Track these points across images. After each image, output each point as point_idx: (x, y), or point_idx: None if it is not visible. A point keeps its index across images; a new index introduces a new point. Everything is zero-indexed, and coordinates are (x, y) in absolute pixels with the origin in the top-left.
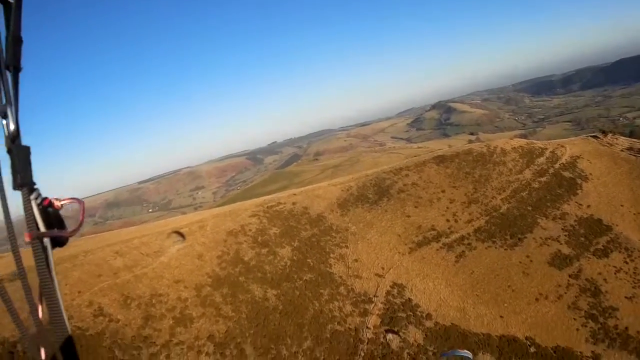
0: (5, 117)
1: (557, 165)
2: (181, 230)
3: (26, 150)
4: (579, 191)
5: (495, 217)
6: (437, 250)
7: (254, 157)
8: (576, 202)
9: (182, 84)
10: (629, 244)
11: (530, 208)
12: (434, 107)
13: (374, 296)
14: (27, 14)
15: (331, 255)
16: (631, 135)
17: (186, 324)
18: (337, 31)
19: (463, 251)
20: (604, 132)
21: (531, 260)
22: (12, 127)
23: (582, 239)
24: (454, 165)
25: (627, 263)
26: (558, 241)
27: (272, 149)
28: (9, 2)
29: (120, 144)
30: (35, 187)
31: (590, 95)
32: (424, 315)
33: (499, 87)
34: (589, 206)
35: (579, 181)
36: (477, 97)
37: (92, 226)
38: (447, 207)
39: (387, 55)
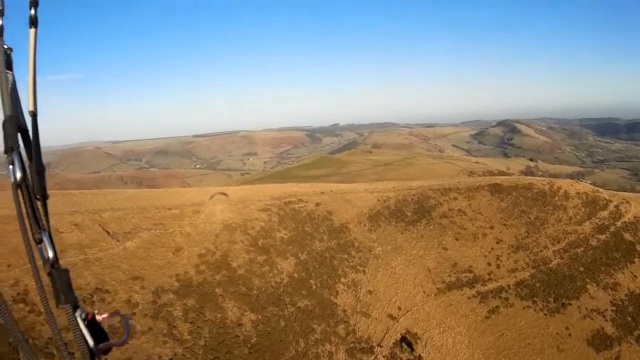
0: (40, 242)
1: (618, 224)
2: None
3: (66, 273)
4: (636, 260)
5: (543, 271)
6: (469, 298)
7: (313, 135)
8: (631, 272)
9: (265, 45)
10: None
11: (582, 269)
12: (499, 124)
13: (378, 345)
14: None
15: (342, 279)
16: None
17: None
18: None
19: (497, 306)
20: None
21: (570, 334)
22: (50, 254)
23: (629, 319)
24: (510, 198)
25: None
26: (603, 316)
27: (333, 130)
28: (26, 130)
29: (186, 93)
30: (78, 303)
31: None
32: None
33: (564, 118)
34: None
35: (638, 248)
36: (542, 124)
37: (135, 169)
38: (492, 248)
39: (468, 63)
